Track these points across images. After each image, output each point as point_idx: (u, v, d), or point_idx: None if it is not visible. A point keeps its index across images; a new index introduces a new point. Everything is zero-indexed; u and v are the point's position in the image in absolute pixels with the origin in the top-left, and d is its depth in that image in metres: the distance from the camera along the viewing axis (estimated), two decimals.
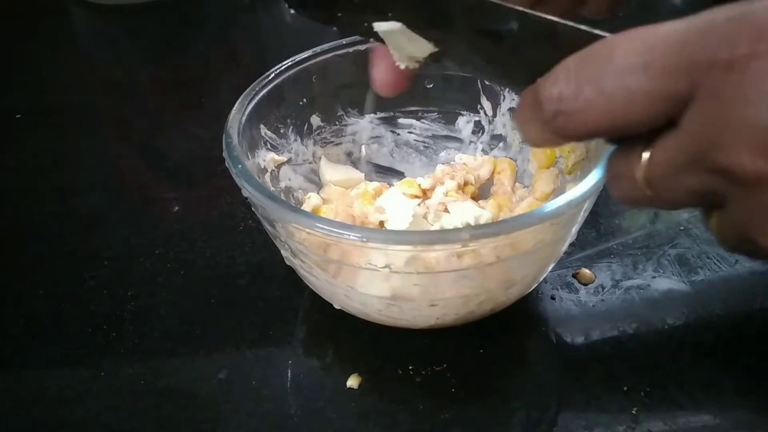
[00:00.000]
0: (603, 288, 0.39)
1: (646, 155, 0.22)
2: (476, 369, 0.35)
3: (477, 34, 0.26)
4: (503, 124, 0.43)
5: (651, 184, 0.22)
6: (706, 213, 0.23)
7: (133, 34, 0.74)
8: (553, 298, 0.38)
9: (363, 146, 0.45)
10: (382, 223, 0.37)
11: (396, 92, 0.32)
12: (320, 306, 0.36)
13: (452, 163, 0.44)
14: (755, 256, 0.22)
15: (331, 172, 0.42)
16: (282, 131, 0.40)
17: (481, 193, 0.43)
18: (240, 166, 0.32)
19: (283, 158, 0.40)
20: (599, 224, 0.43)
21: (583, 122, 0.22)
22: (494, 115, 0.43)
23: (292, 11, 0.30)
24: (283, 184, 0.40)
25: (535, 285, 0.37)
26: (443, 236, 0.30)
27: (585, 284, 0.39)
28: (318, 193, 0.41)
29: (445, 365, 0.35)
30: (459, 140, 0.45)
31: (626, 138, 0.22)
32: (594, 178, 0.30)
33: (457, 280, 0.31)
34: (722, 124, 0.19)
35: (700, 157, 0.20)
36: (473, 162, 0.43)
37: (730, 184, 0.20)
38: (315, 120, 0.42)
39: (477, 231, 0.28)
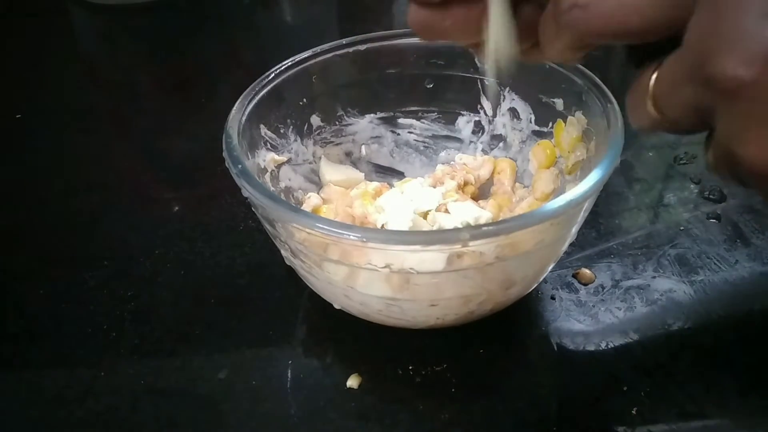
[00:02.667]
0: (603, 288, 0.39)
1: (654, 75, 0.22)
2: (476, 369, 0.35)
3: None
4: (503, 124, 0.43)
5: (657, 103, 0.22)
6: (706, 142, 0.23)
7: (133, 34, 0.74)
8: (553, 298, 0.38)
9: (363, 146, 0.45)
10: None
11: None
12: (320, 306, 0.36)
13: (452, 163, 0.44)
14: (743, 178, 0.22)
15: (331, 172, 0.43)
16: (282, 131, 0.40)
17: (481, 193, 0.43)
18: (240, 166, 0.32)
19: (283, 158, 0.40)
20: (599, 224, 0.43)
21: (597, 16, 0.22)
22: (494, 115, 0.43)
23: None
24: (283, 184, 0.40)
25: (535, 285, 0.37)
26: (443, 236, 0.30)
27: (585, 284, 0.39)
28: (318, 193, 0.41)
29: (445, 365, 0.35)
30: (459, 140, 0.45)
31: (642, 54, 0.23)
32: (594, 178, 0.30)
33: (457, 280, 0.31)
34: (713, 32, 0.19)
35: (695, 67, 0.20)
36: (473, 162, 0.43)
37: (716, 95, 0.20)
38: (315, 120, 0.42)
39: (477, 231, 0.28)
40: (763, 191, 0.22)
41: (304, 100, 0.41)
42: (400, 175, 0.45)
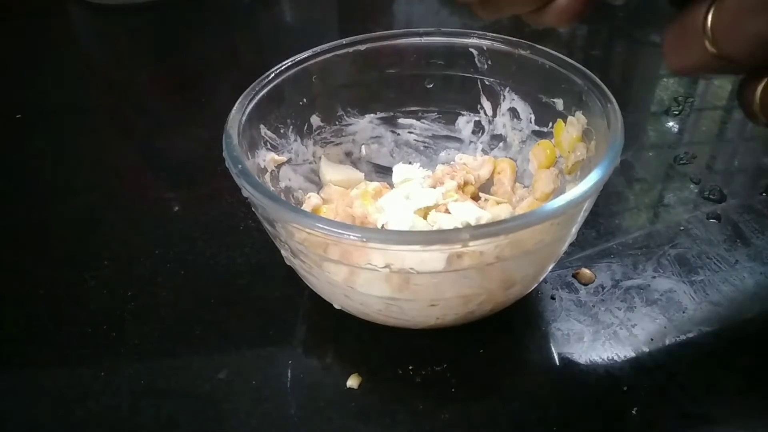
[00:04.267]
0: (603, 288, 0.39)
1: (712, 9, 0.22)
2: (476, 369, 0.35)
3: None
4: (503, 124, 0.43)
5: (715, 38, 0.22)
6: (752, 80, 0.22)
7: (133, 34, 0.74)
8: (553, 298, 0.38)
9: (363, 146, 0.45)
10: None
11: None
12: (320, 306, 0.36)
13: (452, 163, 0.44)
14: None
15: (331, 172, 0.42)
16: (282, 131, 0.40)
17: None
18: (240, 166, 0.32)
19: (283, 158, 0.40)
20: (599, 224, 0.43)
21: None
22: (494, 115, 0.43)
23: None
24: (283, 184, 0.40)
25: (535, 285, 0.37)
26: (443, 236, 0.30)
27: (585, 284, 0.39)
28: (318, 193, 0.41)
29: (445, 365, 0.35)
30: (459, 140, 0.45)
31: None
32: (594, 178, 0.30)
33: (457, 280, 0.31)
34: None
35: None
36: (473, 162, 0.43)
37: None
38: (315, 120, 0.42)
39: (477, 231, 0.28)
40: None
41: (304, 100, 0.41)
42: None
